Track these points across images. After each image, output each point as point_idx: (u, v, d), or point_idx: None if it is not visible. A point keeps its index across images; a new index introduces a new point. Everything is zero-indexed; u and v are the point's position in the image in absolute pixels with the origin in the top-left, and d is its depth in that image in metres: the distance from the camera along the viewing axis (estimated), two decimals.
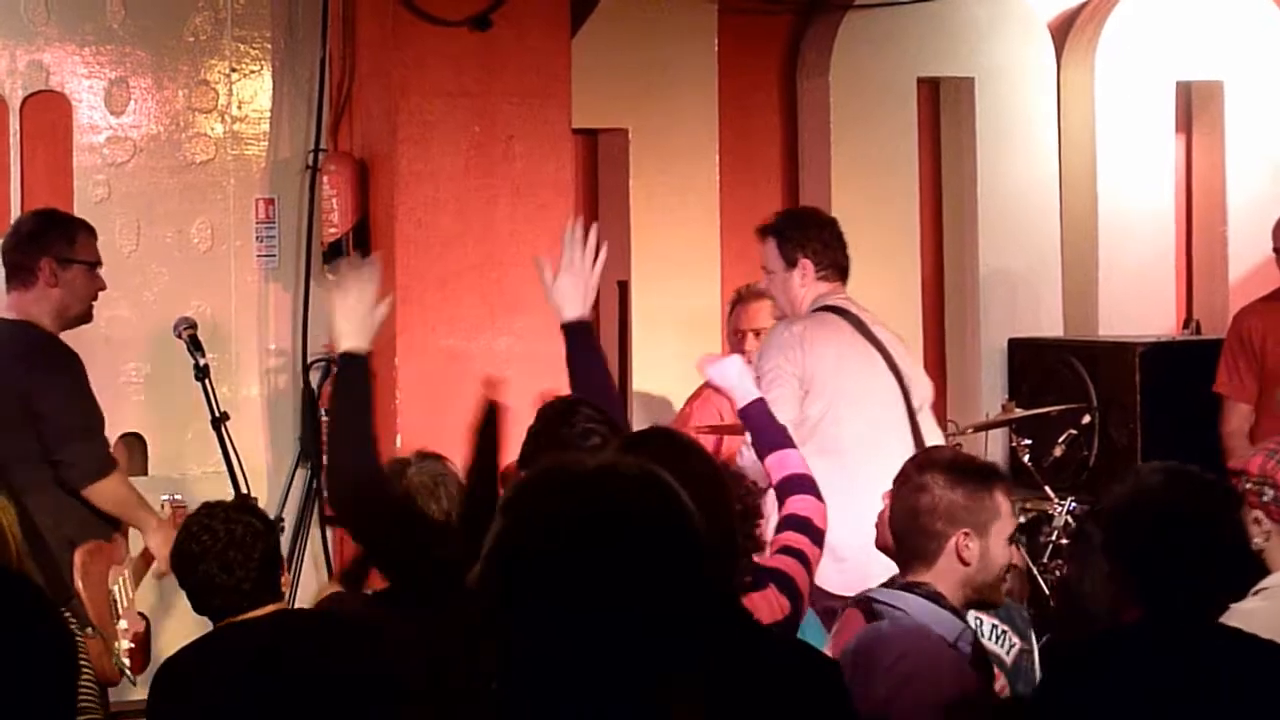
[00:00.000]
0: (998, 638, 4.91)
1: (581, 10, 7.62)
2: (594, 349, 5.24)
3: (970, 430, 7.69)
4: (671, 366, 7.88)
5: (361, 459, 4.87)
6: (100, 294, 6.39)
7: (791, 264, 6.49)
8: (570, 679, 2.56)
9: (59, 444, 6.10)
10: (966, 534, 4.41)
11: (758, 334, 7.03)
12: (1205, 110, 8.95)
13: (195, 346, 6.50)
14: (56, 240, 6.30)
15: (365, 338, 4.96)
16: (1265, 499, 4.57)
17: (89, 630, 5.77)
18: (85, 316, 6.36)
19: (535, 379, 6.54)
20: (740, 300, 7.22)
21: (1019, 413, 7.65)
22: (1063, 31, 8.70)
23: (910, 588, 4.41)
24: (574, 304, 5.20)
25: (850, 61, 8.32)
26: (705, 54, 8.13)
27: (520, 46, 7.27)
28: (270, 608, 4.87)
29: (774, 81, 8.44)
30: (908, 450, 5.87)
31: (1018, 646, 4.90)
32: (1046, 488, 7.44)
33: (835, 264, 6.55)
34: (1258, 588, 4.40)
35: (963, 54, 8.51)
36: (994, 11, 8.51)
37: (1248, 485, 4.61)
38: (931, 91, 8.65)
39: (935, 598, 4.36)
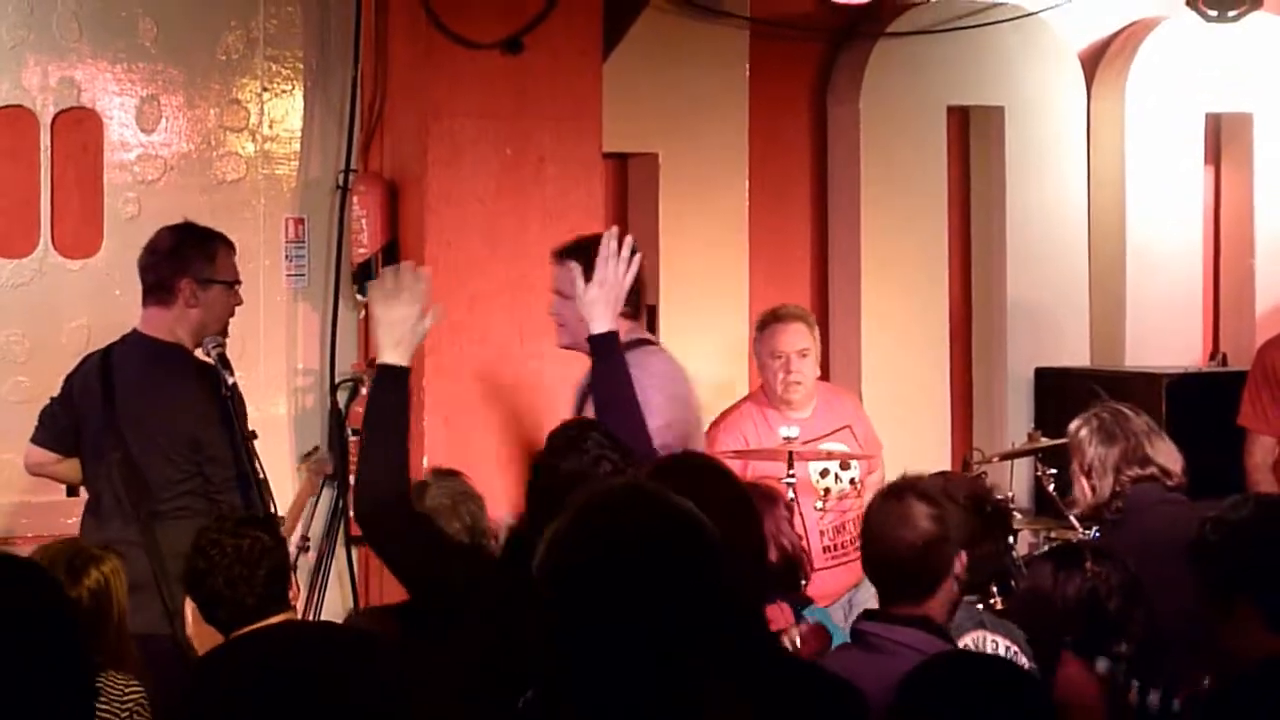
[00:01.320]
0: (1011, 658, 4.80)
1: (613, 34, 7.59)
2: (619, 363, 5.10)
3: (996, 459, 7.62)
4: (700, 389, 7.72)
5: (391, 475, 4.78)
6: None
7: None
8: (602, 685, 2.71)
9: (227, 487, 6.02)
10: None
11: (802, 353, 6.89)
12: (1234, 142, 8.98)
13: (223, 364, 6.22)
14: (196, 259, 6.13)
15: (407, 352, 4.80)
16: None
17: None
18: (222, 333, 6.20)
19: (564, 402, 6.53)
20: (776, 320, 7.00)
21: (1045, 442, 7.47)
22: (1093, 62, 8.73)
23: (906, 620, 4.29)
24: (602, 317, 5.09)
25: (881, 88, 8.32)
26: (736, 79, 8.13)
27: (552, 70, 7.21)
28: (279, 618, 4.84)
29: (804, 107, 8.47)
30: None
31: (1027, 666, 4.78)
32: (1071, 516, 7.21)
33: (636, 300, 5.80)
34: None
35: (993, 83, 8.54)
36: (1025, 41, 8.51)
37: None
38: (961, 119, 8.66)
39: (929, 627, 4.29)
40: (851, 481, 7.04)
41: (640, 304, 5.88)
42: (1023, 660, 4.76)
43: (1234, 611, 3.90)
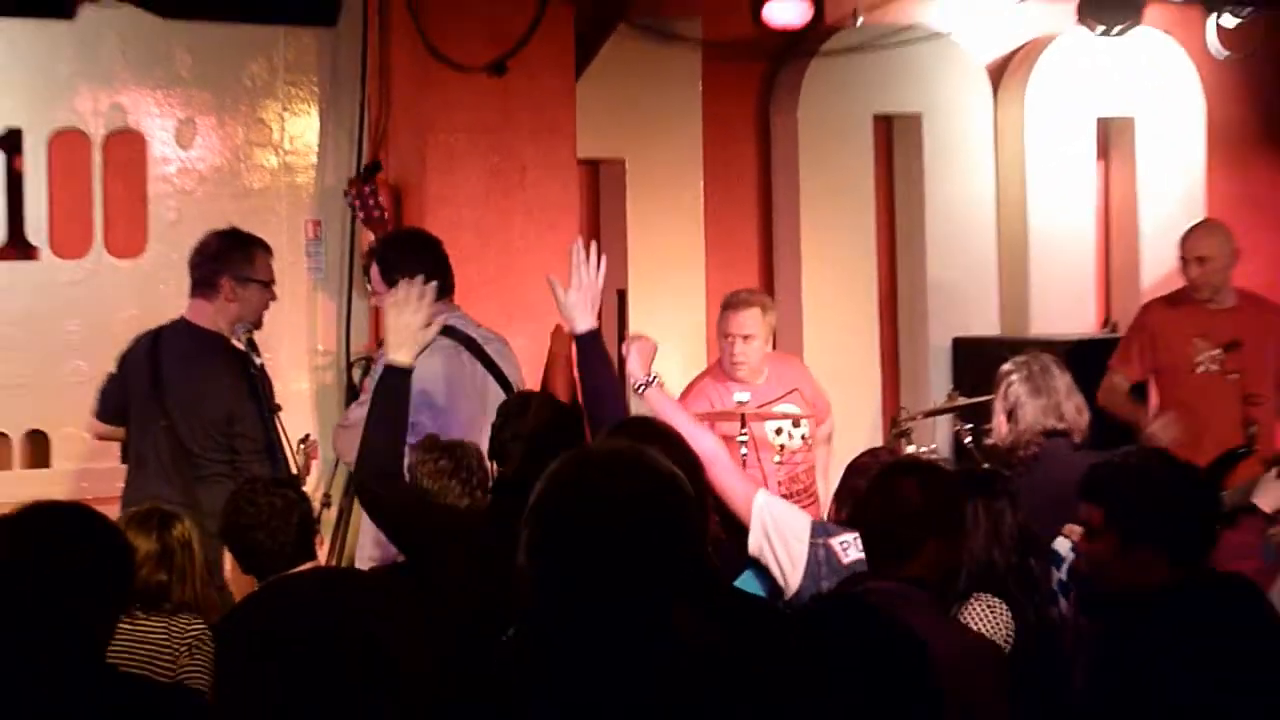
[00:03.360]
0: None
1: (584, 57, 7.56)
2: (604, 356, 5.14)
3: (920, 416, 7.65)
4: (664, 363, 7.71)
5: (389, 454, 4.89)
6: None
7: (392, 285, 5.77)
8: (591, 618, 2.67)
9: (255, 454, 6.09)
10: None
11: (746, 338, 6.89)
12: (1120, 142, 8.99)
13: (252, 348, 6.26)
14: (237, 260, 6.22)
15: (412, 354, 4.91)
16: None
17: None
18: (256, 325, 6.29)
19: (540, 372, 6.97)
20: (730, 305, 7.01)
21: (961, 401, 7.55)
22: (998, 73, 8.73)
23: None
24: (584, 316, 5.12)
25: (815, 100, 8.33)
26: (691, 95, 8.14)
27: (532, 89, 7.23)
28: (307, 565, 4.92)
29: (750, 118, 8.45)
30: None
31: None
32: (985, 465, 7.15)
33: (437, 285, 5.86)
34: None
35: (912, 94, 8.52)
36: (938, 57, 8.51)
37: None
38: (885, 126, 8.65)
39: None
40: (804, 438, 7.02)
41: (439, 288, 5.86)
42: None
43: (1134, 549, 3.87)
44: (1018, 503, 4.72)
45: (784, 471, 6.95)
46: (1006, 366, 6.07)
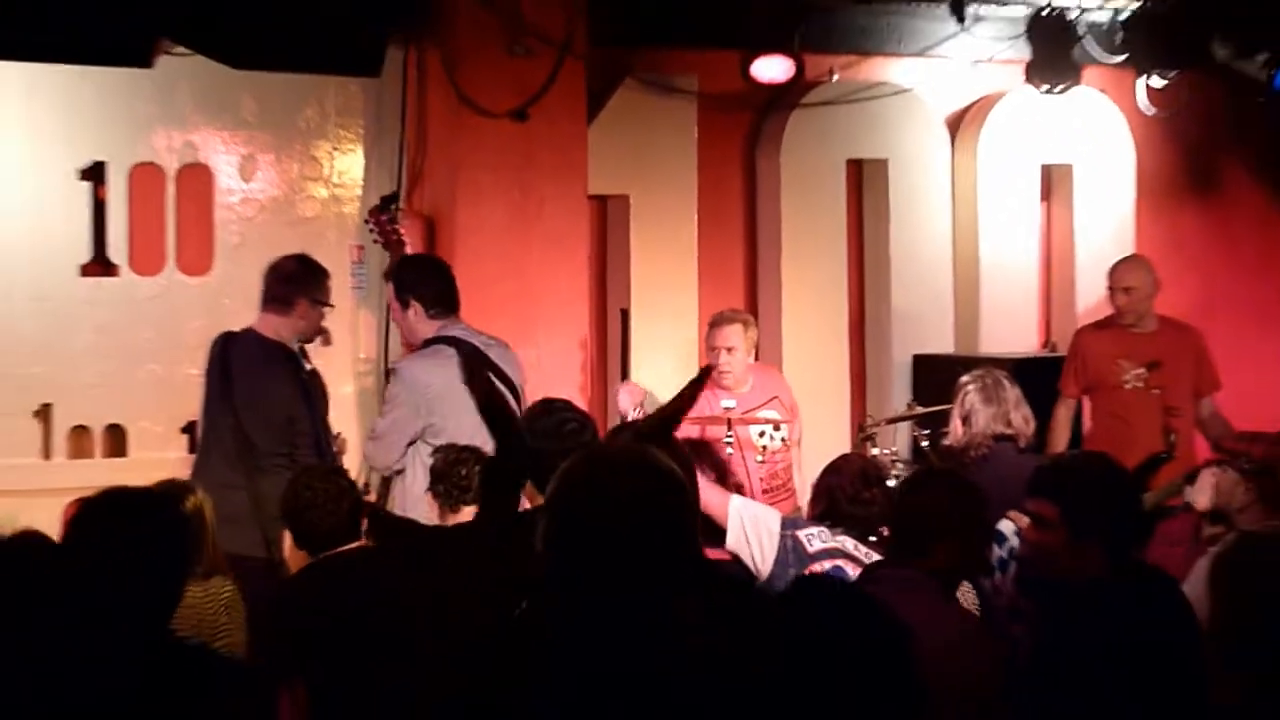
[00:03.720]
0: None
1: (595, 106, 7.65)
2: None
3: (884, 423, 7.70)
4: (662, 369, 7.88)
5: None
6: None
7: (405, 305, 6.10)
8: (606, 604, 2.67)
9: (308, 448, 6.08)
10: None
11: (729, 350, 6.92)
12: (1060, 186, 8.97)
13: (303, 356, 6.38)
14: (313, 285, 6.24)
15: None
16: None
17: None
18: (309, 340, 6.33)
19: (557, 376, 7.13)
20: (717, 322, 7.09)
21: (919, 410, 7.65)
22: (955, 124, 8.72)
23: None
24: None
25: (796, 146, 8.34)
26: (687, 141, 8.17)
27: (549, 133, 7.28)
28: (355, 544, 5.01)
29: (739, 161, 8.46)
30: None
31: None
32: (940, 464, 6.99)
33: (442, 303, 6.09)
34: None
35: (880, 142, 8.50)
36: (903, 110, 8.52)
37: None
38: (857, 170, 8.62)
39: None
40: (783, 440, 7.05)
41: (445, 303, 6.01)
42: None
43: (1082, 543, 3.85)
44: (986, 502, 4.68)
45: (765, 469, 6.95)
46: (965, 378, 6.11)
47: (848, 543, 4.88)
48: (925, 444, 7.44)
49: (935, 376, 8.23)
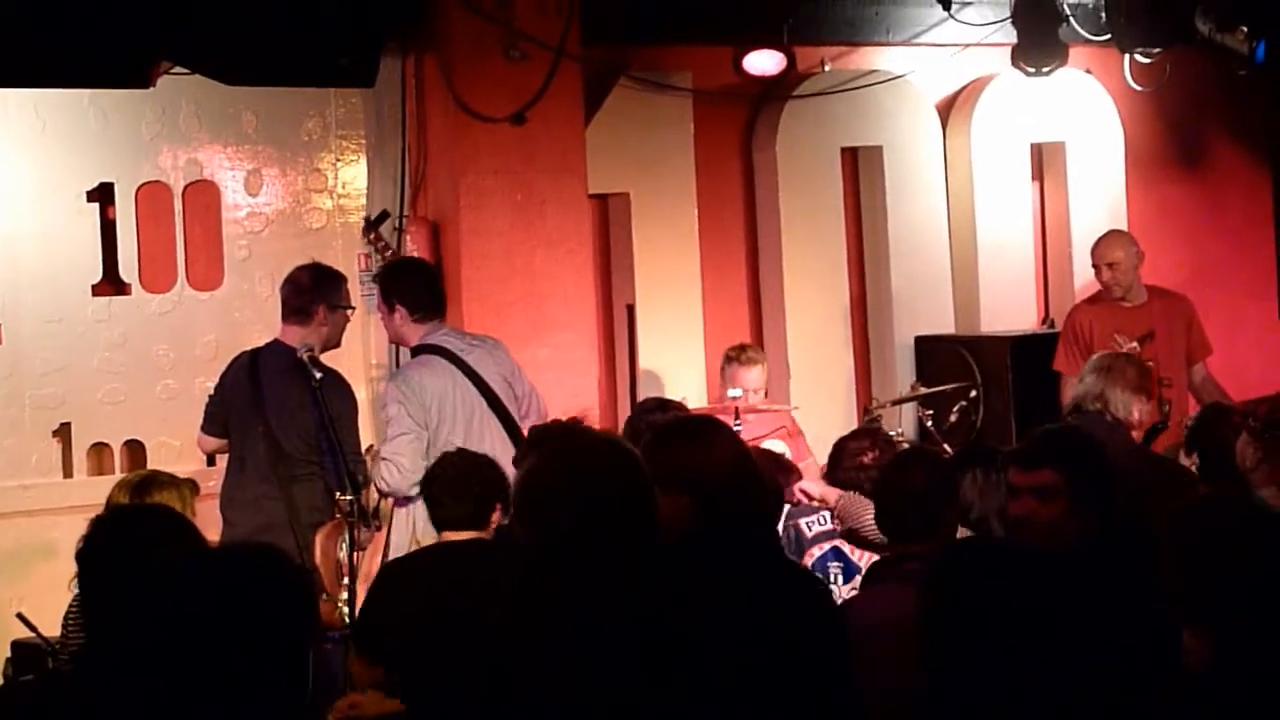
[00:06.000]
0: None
1: (592, 106, 7.63)
2: None
3: (888, 404, 7.72)
4: (666, 360, 7.96)
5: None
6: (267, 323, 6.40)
7: (391, 309, 6.08)
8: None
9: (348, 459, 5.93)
10: None
11: (755, 391, 6.98)
12: (1052, 163, 8.93)
13: (314, 364, 6.10)
14: (331, 291, 6.21)
15: None
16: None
17: (323, 596, 5.48)
18: (337, 345, 6.31)
19: (565, 378, 7.16)
20: (728, 362, 7.17)
21: (923, 390, 7.71)
22: (947, 109, 8.69)
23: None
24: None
25: (791, 137, 8.30)
26: (684, 136, 8.13)
27: (548, 135, 7.26)
28: (470, 534, 4.90)
29: (736, 154, 8.42)
30: (503, 442, 5.68)
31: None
32: (944, 445, 7.36)
33: (427, 306, 6.06)
34: None
35: (874, 129, 8.46)
36: (896, 96, 8.48)
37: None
38: (852, 157, 8.60)
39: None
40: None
41: (429, 307, 5.97)
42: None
43: (1083, 508, 3.88)
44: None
45: None
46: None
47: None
48: (929, 423, 7.58)
49: (937, 356, 8.35)
